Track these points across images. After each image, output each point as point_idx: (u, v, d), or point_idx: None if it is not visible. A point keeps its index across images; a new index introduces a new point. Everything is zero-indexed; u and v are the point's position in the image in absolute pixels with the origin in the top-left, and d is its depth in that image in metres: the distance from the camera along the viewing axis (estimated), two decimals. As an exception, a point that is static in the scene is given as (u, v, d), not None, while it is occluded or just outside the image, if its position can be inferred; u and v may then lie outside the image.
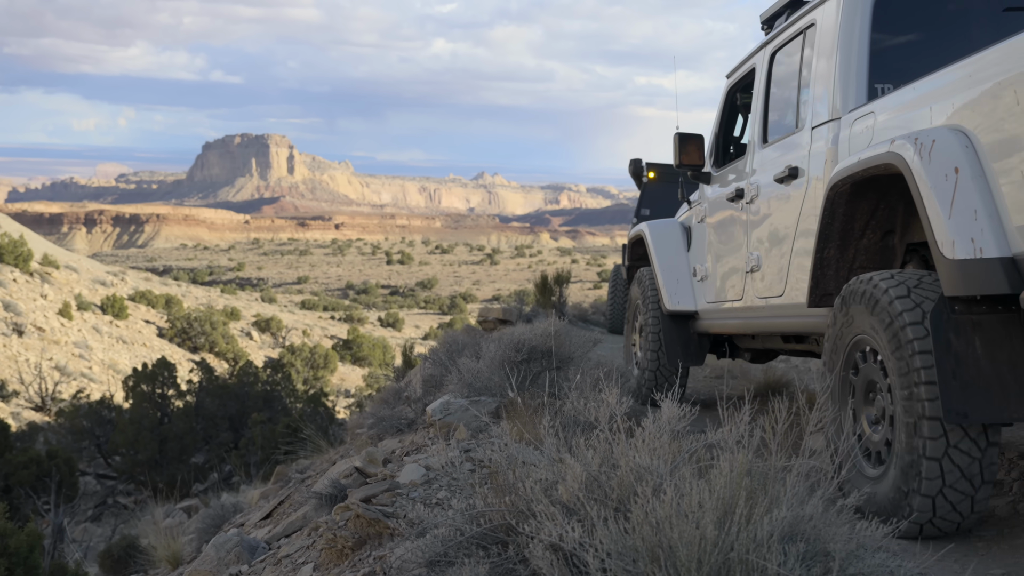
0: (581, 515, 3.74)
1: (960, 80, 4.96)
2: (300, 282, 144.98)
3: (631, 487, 3.77)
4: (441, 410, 8.28)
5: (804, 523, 3.54)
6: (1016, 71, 4.44)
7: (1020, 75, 4.40)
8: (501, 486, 4.23)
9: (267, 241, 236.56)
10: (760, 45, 7.96)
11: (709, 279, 8.92)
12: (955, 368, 4.67)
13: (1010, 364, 4.66)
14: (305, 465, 12.78)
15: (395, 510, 5.44)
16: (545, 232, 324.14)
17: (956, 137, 4.81)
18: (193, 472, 24.73)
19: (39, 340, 41.80)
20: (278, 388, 31.11)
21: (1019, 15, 5.99)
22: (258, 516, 10.20)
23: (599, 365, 8.74)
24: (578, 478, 3.86)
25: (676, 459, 4.01)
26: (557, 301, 19.27)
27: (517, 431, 5.85)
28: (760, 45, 7.96)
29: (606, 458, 4.01)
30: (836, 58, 6.37)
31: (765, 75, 7.76)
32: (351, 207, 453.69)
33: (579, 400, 4.70)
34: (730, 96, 8.83)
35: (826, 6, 6.63)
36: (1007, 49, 4.58)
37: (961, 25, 6.30)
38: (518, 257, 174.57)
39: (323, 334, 66.54)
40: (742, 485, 3.54)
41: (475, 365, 9.11)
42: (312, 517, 7.66)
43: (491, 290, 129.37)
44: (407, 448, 8.60)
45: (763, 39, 7.94)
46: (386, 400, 13.23)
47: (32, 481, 21.02)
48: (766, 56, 7.77)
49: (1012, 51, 4.53)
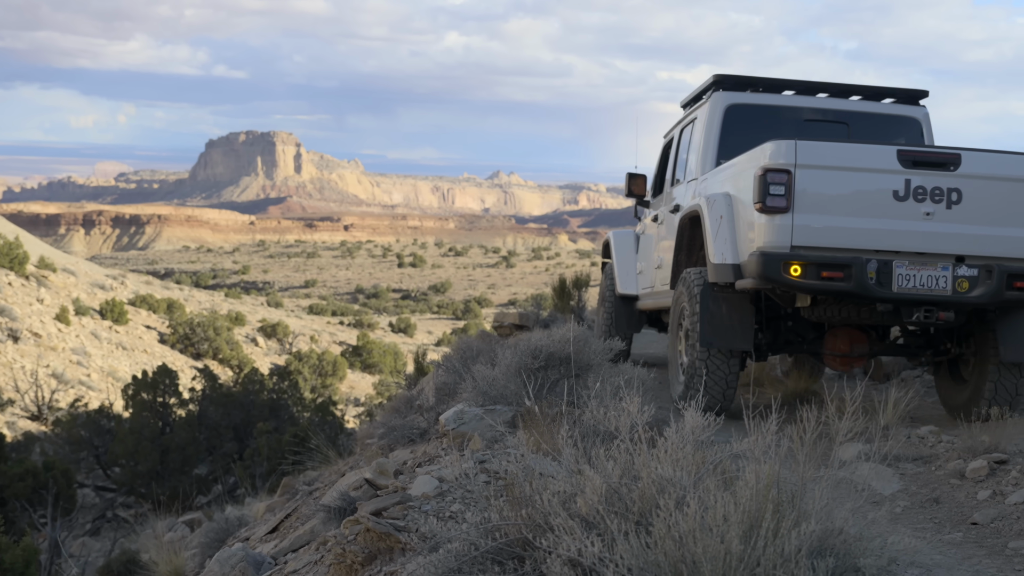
0: (601, 529, 3.75)
1: (730, 168, 9.82)
2: (308, 286, 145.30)
3: (653, 499, 3.78)
4: (455, 419, 8.30)
5: (834, 537, 3.54)
6: (742, 168, 9.30)
7: (743, 170, 9.25)
8: (517, 499, 4.23)
9: (273, 243, 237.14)
10: (677, 122, 12.64)
11: (643, 273, 13.23)
12: (710, 318, 9.44)
13: (737, 318, 9.46)
14: (313, 477, 12.81)
15: (407, 524, 5.45)
16: (563, 233, 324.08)
17: (725, 198, 9.57)
18: (196, 484, 24.76)
19: (35, 346, 41.94)
20: (285, 396, 31.14)
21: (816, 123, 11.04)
22: (264, 530, 10.23)
23: (619, 372, 8.75)
24: (598, 490, 3.87)
25: (700, 470, 4.02)
26: (576, 306, 19.27)
27: (534, 441, 5.86)
28: (677, 122, 12.64)
29: (627, 469, 4.02)
30: (701, 143, 11.11)
31: (676, 142, 12.50)
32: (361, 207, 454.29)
33: (599, 409, 4.71)
34: (664, 148, 13.17)
35: (701, 110, 11.35)
36: (743, 157, 9.41)
37: (775, 126, 10.63)
38: (535, 260, 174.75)
39: (332, 340, 66.61)
40: (769, 497, 3.55)
41: (490, 372, 9.13)
42: (320, 531, 7.69)
43: (507, 294, 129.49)
44: (419, 459, 8.62)
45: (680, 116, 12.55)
46: (397, 409, 13.26)
47: (28, 494, 21.08)
48: (678, 130, 12.52)
49: (744, 159, 9.37)
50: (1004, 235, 8.72)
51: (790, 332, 10.08)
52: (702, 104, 11.30)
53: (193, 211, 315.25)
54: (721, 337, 9.38)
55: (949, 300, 8.68)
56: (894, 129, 11.15)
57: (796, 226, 8.62)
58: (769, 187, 8.57)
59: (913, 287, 8.61)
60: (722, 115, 10.86)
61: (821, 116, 11.07)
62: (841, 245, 8.65)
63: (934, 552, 4.77)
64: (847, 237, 8.65)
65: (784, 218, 8.61)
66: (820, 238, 8.65)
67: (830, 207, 8.67)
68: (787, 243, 8.63)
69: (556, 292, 19.81)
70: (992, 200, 8.71)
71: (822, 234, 8.65)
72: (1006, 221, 8.72)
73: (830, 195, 8.67)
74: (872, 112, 11.17)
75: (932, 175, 8.62)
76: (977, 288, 8.62)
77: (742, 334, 9.42)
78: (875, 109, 11.18)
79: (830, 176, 8.69)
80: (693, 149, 11.32)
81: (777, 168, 8.57)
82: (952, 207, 8.62)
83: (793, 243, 8.63)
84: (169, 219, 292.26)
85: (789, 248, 8.63)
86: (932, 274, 8.62)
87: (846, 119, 11.08)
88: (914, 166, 8.62)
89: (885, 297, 8.64)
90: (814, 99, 11.21)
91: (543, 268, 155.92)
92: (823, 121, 11.04)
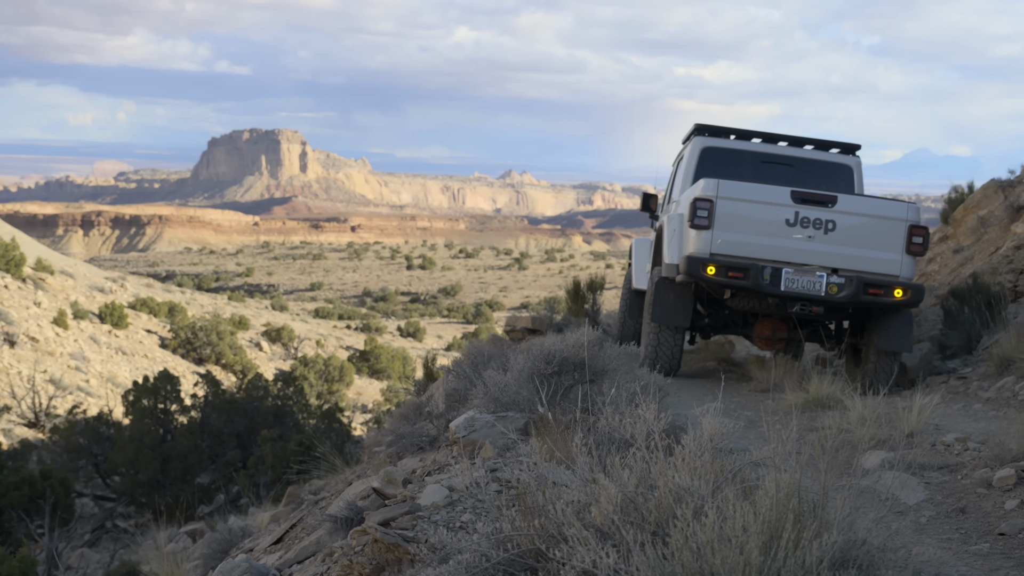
0: (616, 540, 3.75)
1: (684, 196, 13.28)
2: (313, 288, 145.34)
3: (670, 509, 3.79)
4: (465, 426, 8.31)
5: (856, 548, 3.55)
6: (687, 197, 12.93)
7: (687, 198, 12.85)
8: (530, 508, 4.24)
9: (278, 244, 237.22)
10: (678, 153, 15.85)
11: None
12: (661, 301, 13.02)
13: (679, 304, 13.01)
14: (319, 486, 12.83)
15: (416, 534, 5.46)
16: (577, 235, 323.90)
17: (678, 218, 13.08)
18: (198, 493, 24.81)
19: (32, 351, 42.05)
20: (290, 403, 31.17)
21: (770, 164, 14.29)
22: (268, 541, 10.26)
23: (635, 378, 8.75)
24: (613, 500, 3.88)
25: (719, 479, 4.02)
26: (590, 309, 19.30)
27: (547, 449, 5.87)
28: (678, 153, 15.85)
29: (643, 478, 4.03)
30: (683, 174, 14.53)
31: (674, 170, 15.73)
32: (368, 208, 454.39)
33: (614, 416, 4.72)
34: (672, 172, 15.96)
35: (686, 149, 14.93)
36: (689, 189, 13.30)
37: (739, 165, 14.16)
38: (548, 262, 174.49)
39: (338, 345, 66.71)
40: (789, 507, 3.56)
41: (502, 378, 9.14)
42: (326, 542, 7.71)
43: (519, 297, 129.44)
44: (429, 467, 8.64)
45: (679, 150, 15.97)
46: (406, 416, 13.29)
47: (25, 503, 21.14)
48: (676, 161, 15.83)
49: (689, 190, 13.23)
50: (864, 255, 12.31)
51: (727, 318, 13.84)
52: (687, 145, 14.97)
53: (195, 211, 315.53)
54: (667, 317, 13.01)
55: (820, 298, 12.22)
56: (832, 173, 14.43)
57: (714, 239, 12.34)
58: (697, 211, 12.33)
59: (796, 288, 12.17)
60: (699, 155, 14.42)
61: (775, 160, 14.39)
62: (746, 255, 12.32)
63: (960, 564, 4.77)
64: (751, 249, 12.32)
65: (706, 233, 12.34)
66: (731, 249, 12.34)
67: (740, 227, 12.33)
68: (707, 251, 12.36)
69: (570, 295, 19.85)
70: (857, 230, 12.29)
71: (733, 246, 12.34)
72: (867, 245, 12.31)
73: (741, 219, 12.32)
74: (816, 159, 14.48)
75: (815, 209, 12.24)
76: (843, 292, 12.14)
77: (682, 315, 13.06)
78: (820, 156, 14.53)
79: (742, 206, 12.34)
80: (678, 178, 15.00)
81: (704, 198, 12.33)
82: (828, 233, 12.25)
83: (712, 251, 12.35)
84: (170, 220, 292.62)
85: (708, 254, 12.34)
86: (811, 279, 12.19)
87: (794, 163, 14.39)
88: (802, 202, 12.25)
89: (774, 293, 12.19)
90: (774, 146, 14.55)
91: (557, 270, 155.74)
92: (776, 163, 14.36)
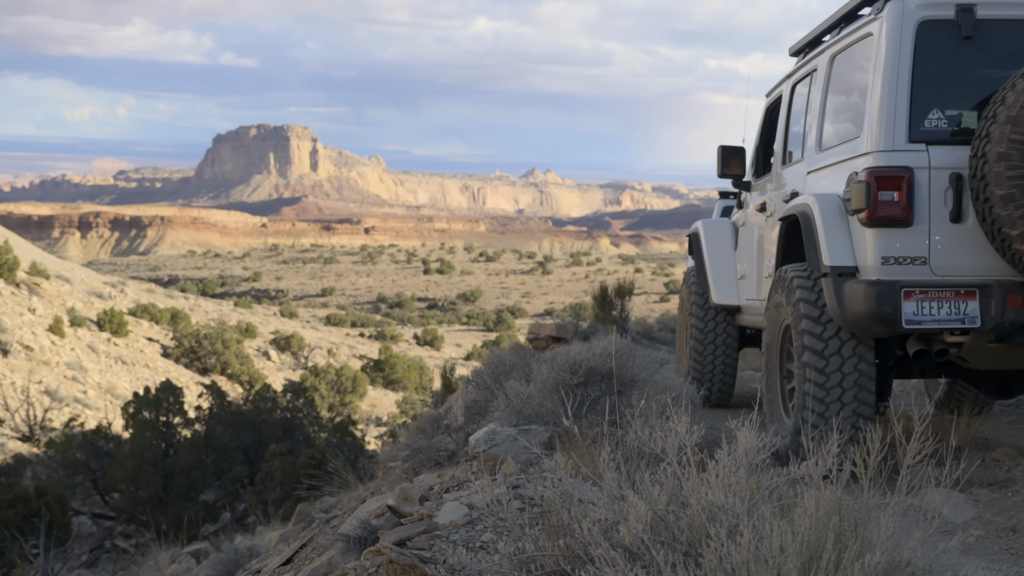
0: (646, 560, 3.77)
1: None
2: (325, 294, 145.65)
3: (703, 528, 3.80)
4: (486, 440, 8.32)
5: (901, 569, 3.55)
6: None
7: None
8: (554, 527, 4.25)
9: (287, 247, 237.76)
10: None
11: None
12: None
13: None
14: (330, 503, 12.86)
15: (433, 554, 5.48)
16: (605, 237, 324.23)
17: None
18: (202, 511, 24.85)
19: (27, 360, 42.20)
20: (299, 415, 31.25)
21: None
22: (277, 561, 10.29)
23: (666, 389, 8.75)
24: (642, 518, 3.89)
25: (754, 496, 4.03)
26: (618, 316, 19.27)
27: (573, 464, 5.88)
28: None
29: (674, 495, 4.03)
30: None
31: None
32: (383, 208, 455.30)
33: (644, 429, 4.72)
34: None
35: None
36: None
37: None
38: (574, 266, 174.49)
39: (351, 354, 66.77)
40: (830, 526, 3.56)
41: (524, 389, 9.14)
42: (338, 563, 7.73)
43: (543, 303, 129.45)
44: (447, 484, 8.66)
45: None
46: (423, 429, 13.30)
47: (19, 522, 21.20)
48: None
49: None
50: None
51: None
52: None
53: (199, 212, 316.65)
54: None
55: None
56: None
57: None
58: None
59: None
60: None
61: None
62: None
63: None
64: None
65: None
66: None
67: None
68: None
69: (597, 301, 19.81)
70: None
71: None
72: None
73: None
74: None
75: None
76: None
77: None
78: None
79: None
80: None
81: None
82: None
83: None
84: (173, 221, 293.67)
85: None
86: None
87: None
88: None
89: None
90: None
91: (582, 275, 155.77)
92: None
